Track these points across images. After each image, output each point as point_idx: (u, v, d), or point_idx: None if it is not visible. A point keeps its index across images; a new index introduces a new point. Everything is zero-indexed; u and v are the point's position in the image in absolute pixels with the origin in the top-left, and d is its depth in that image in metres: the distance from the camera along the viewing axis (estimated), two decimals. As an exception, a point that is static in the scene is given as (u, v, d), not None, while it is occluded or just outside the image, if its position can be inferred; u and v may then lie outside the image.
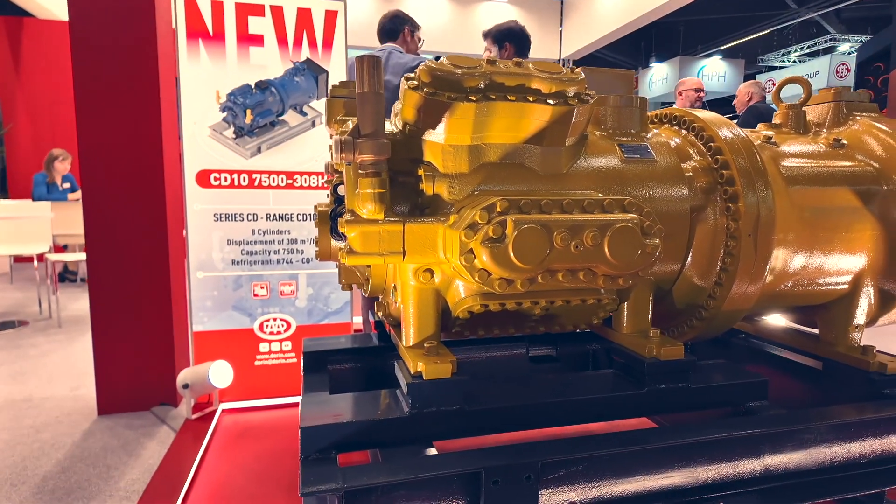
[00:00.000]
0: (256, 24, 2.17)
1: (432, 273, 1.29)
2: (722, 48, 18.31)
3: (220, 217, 2.24)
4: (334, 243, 1.48)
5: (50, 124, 7.49)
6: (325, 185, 2.35)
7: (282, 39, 2.21)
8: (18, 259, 6.56)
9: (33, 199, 5.84)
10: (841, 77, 16.70)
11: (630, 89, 1.57)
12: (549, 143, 1.33)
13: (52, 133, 7.44)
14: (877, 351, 1.62)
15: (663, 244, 1.41)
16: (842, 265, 1.57)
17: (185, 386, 2.13)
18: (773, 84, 18.56)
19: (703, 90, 4.90)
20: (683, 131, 1.56)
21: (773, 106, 4.68)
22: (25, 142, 7.68)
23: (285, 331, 2.39)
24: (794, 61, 19.28)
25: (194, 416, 2.22)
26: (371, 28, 3.09)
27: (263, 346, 2.36)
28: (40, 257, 4.57)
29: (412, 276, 1.29)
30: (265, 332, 2.35)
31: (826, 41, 17.82)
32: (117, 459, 1.97)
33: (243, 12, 2.15)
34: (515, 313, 1.39)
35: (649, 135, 1.54)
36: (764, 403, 1.47)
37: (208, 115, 2.19)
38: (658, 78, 17.61)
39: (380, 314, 1.58)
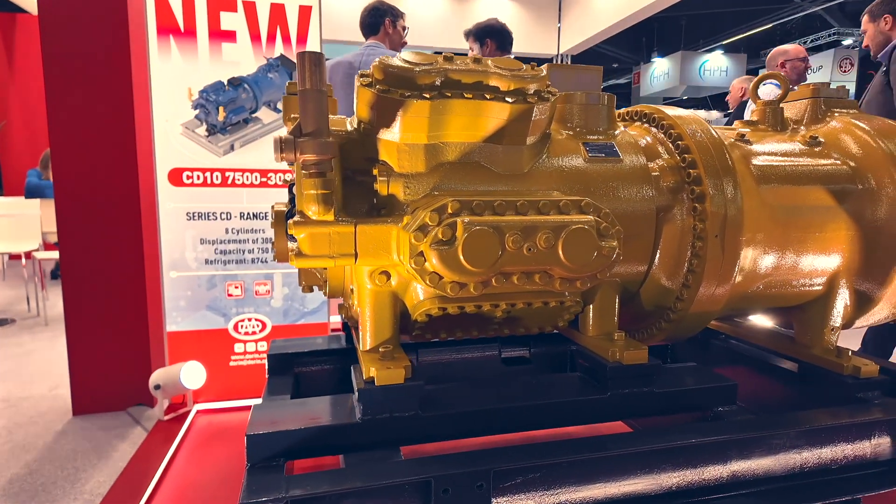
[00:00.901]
0: (229, 20, 2.14)
1: (388, 275, 1.26)
2: (724, 43, 18.17)
3: (193, 216, 2.21)
4: (291, 244, 1.45)
5: (44, 121, 7.46)
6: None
7: (255, 35, 2.18)
8: (14, 257, 6.56)
9: (26, 191, 5.82)
10: (844, 72, 16.59)
11: (598, 86, 1.53)
12: (510, 141, 1.30)
13: (47, 130, 7.41)
14: (852, 353, 1.58)
15: (628, 245, 1.39)
16: (816, 266, 1.53)
17: (157, 387, 2.11)
18: (776, 79, 18.42)
19: (808, 59, 4.38)
20: (653, 129, 1.52)
21: None
22: (19, 139, 7.67)
23: (260, 331, 2.36)
24: (798, 56, 19.07)
25: (166, 418, 2.20)
26: (356, 24, 3.05)
27: (238, 347, 2.33)
28: (28, 255, 4.56)
29: (367, 279, 1.26)
30: (240, 333, 2.32)
31: (829, 35, 17.66)
32: (86, 461, 1.95)
33: (215, 8, 2.12)
34: (477, 316, 1.36)
35: (617, 133, 1.50)
36: (733, 408, 1.44)
37: (180, 113, 2.16)
38: (659, 73, 17.50)
39: (343, 316, 1.55)
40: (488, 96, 1.22)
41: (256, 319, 2.33)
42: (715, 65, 16.73)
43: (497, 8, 9.86)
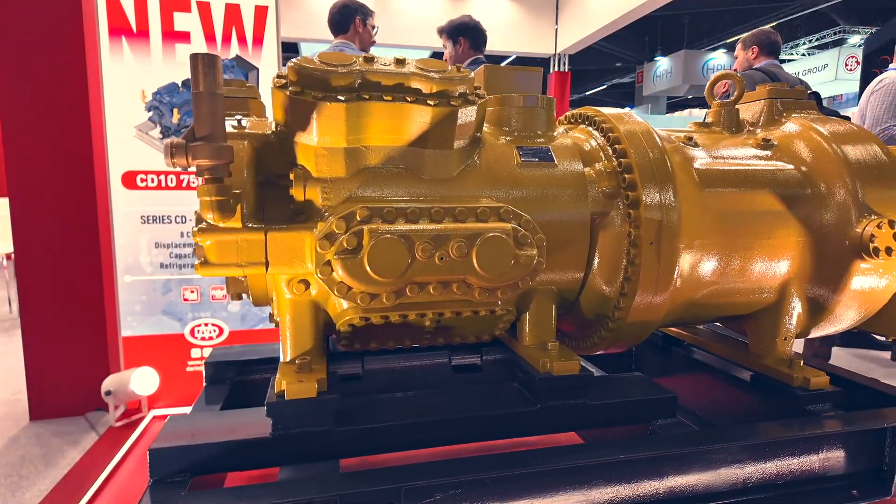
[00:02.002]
0: (182, 21, 2.11)
1: (307, 284, 1.22)
2: (727, 41, 18.01)
3: (148, 219, 2.19)
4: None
5: None
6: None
7: (209, 36, 2.14)
8: (10, 257, 6.57)
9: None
10: (850, 70, 16.43)
11: (538, 88, 1.49)
12: (435, 145, 1.26)
13: None
14: (804, 364, 1.52)
15: (562, 252, 1.35)
16: (765, 273, 1.48)
17: (108, 393, 2.08)
18: (781, 77, 18.25)
19: None
20: (595, 132, 1.47)
21: None
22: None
23: (218, 336, 2.33)
24: (803, 54, 18.95)
25: (118, 424, 2.17)
26: None
27: (195, 352, 2.30)
28: (8, 256, 4.55)
29: (286, 288, 1.22)
30: (196, 338, 2.29)
31: (835, 33, 17.47)
32: (32, 469, 1.93)
33: (168, 8, 2.08)
34: (405, 325, 1.32)
35: (556, 137, 1.45)
36: (672, 421, 1.39)
37: (133, 115, 2.13)
38: (662, 72, 17.38)
39: (274, 324, 1.51)
40: (409, 99, 1.18)
41: (213, 324, 2.30)
42: (718, 63, 16.59)
43: (494, 7, 9.81)
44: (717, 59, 16.53)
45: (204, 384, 1.63)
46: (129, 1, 2.05)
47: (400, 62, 1.22)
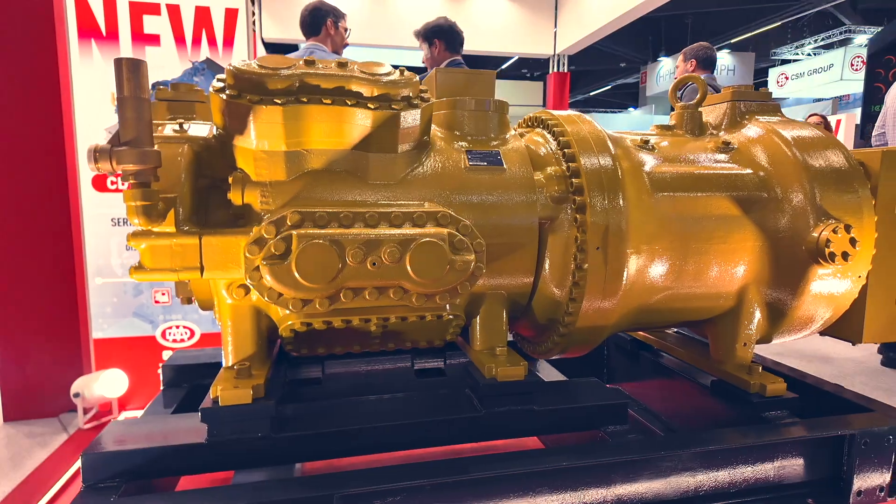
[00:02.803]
0: (152, 24, 2.11)
1: (248, 289, 1.21)
2: (732, 41, 17.90)
3: (118, 222, 2.19)
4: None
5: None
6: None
7: (179, 39, 2.14)
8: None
9: None
10: (856, 70, 16.31)
11: (490, 92, 1.47)
12: (379, 149, 1.25)
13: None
14: (763, 370, 1.50)
15: (510, 256, 1.34)
16: (722, 278, 1.46)
17: (77, 395, 2.08)
18: (786, 77, 18.13)
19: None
20: (549, 136, 1.46)
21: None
22: None
23: (189, 338, 2.33)
24: (809, 54, 18.81)
25: (88, 426, 2.18)
26: (362, 26, 3.01)
27: (167, 354, 2.30)
28: None
29: (226, 293, 1.22)
30: (168, 340, 2.30)
31: (841, 33, 17.32)
32: (-1, 470, 1.94)
33: (138, 11, 2.09)
34: (350, 330, 1.31)
35: (509, 140, 1.44)
36: (623, 427, 1.37)
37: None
38: (666, 72, 17.30)
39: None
40: (350, 102, 1.17)
41: (184, 327, 2.30)
42: (721, 63, 16.49)
43: (493, 8, 9.80)
44: (719, 59, 16.41)
45: (161, 387, 1.63)
46: (99, 4, 2.05)
47: (342, 65, 1.21)
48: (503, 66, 20.70)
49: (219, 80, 1.18)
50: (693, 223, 1.40)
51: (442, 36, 2.94)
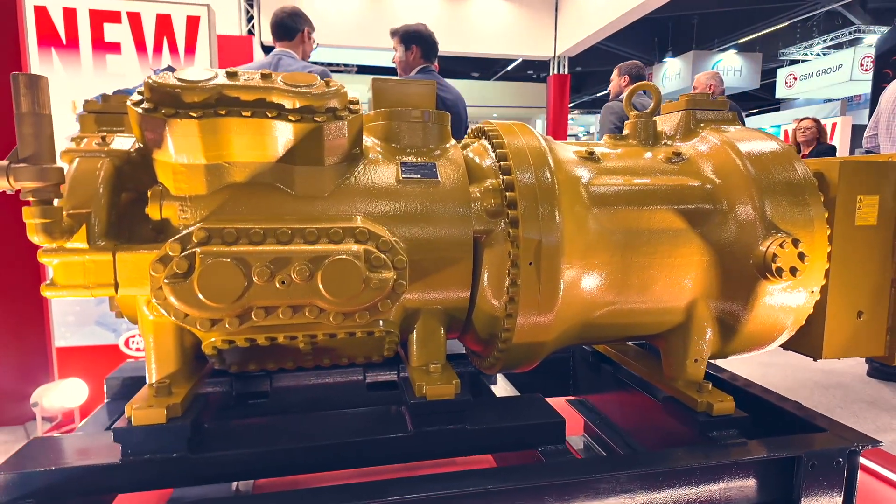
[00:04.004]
0: (113, 32, 2.10)
1: (169, 305, 1.19)
2: (740, 41, 17.74)
3: (80, 230, 2.18)
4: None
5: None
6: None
7: (140, 46, 2.13)
8: None
9: None
10: (866, 70, 16.11)
11: (431, 103, 1.44)
12: (304, 162, 1.22)
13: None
14: (712, 388, 1.46)
15: (444, 271, 1.30)
16: (667, 293, 1.41)
17: (35, 404, 2.08)
18: (795, 78, 17.93)
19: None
20: (489, 147, 1.42)
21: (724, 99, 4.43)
22: None
23: (152, 347, 2.31)
24: (818, 54, 18.59)
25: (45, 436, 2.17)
26: (360, 28, 3.00)
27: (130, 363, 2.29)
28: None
29: (147, 309, 1.19)
30: (131, 349, 2.29)
31: (850, 33, 17.11)
32: (-46, 480, 1.92)
33: (98, 19, 2.08)
34: (279, 347, 1.28)
35: (449, 151, 1.41)
36: (560, 448, 1.34)
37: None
38: (672, 73, 17.18)
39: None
40: (270, 114, 1.15)
41: (147, 335, 2.29)
42: (728, 64, 16.35)
43: (492, 8, 9.76)
44: (726, 60, 16.27)
45: (105, 400, 1.61)
46: (59, 12, 2.04)
47: (265, 77, 1.19)
48: (508, 68, 20.69)
49: (139, 93, 1.16)
50: (635, 237, 1.36)
51: (420, 42, 2.91)
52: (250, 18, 8.76)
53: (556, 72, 10.22)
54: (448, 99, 2.65)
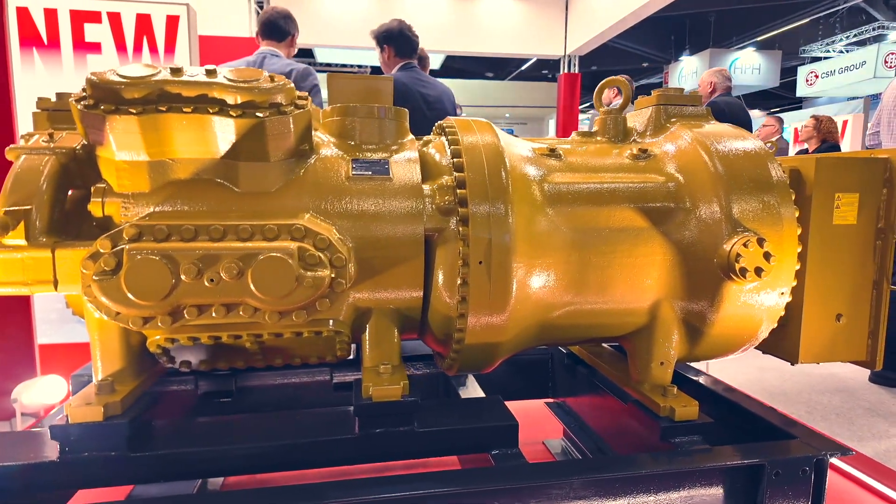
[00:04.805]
0: (93, 32, 2.12)
1: (113, 302, 1.18)
2: (759, 39, 17.43)
3: (61, 229, 2.20)
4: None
5: None
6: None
7: (120, 46, 2.15)
8: None
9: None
10: (891, 67, 15.72)
11: (388, 99, 1.42)
12: (248, 158, 1.20)
13: None
14: (678, 392, 1.41)
15: (394, 270, 1.28)
16: (629, 294, 1.37)
17: (15, 400, 2.10)
18: (816, 76, 17.53)
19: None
20: (446, 144, 1.39)
21: (729, 98, 4.33)
22: None
23: (133, 345, 2.33)
24: (840, 51, 18.17)
25: (26, 432, 2.19)
26: (366, 28, 2.99)
27: (111, 361, 2.31)
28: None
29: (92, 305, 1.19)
30: (112, 346, 2.29)
31: (874, 29, 16.69)
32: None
33: (79, 20, 2.10)
34: (227, 347, 1.27)
35: (404, 148, 1.38)
36: (514, 451, 1.30)
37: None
38: (688, 72, 16.93)
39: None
40: (211, 110, 1.13)
41: (128, 333, 2.30)
42: (746, 62, 16.06)
43: (501, 8, 9.70)
44: (744, 58, 15.98)
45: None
46: (40, 12, 2.07)
47: (211, 73, 1.17)
48: (523, 68, 20.59)
49: (83, 89, 1.15)
50: (593, 236, 1.32)
51: (391, 41, 2.89)
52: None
53: (566, 71, 10.12)
54: (430, 95, 2.63)
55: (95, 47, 2.14)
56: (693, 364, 3.11)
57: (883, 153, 1.51)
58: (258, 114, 1.15)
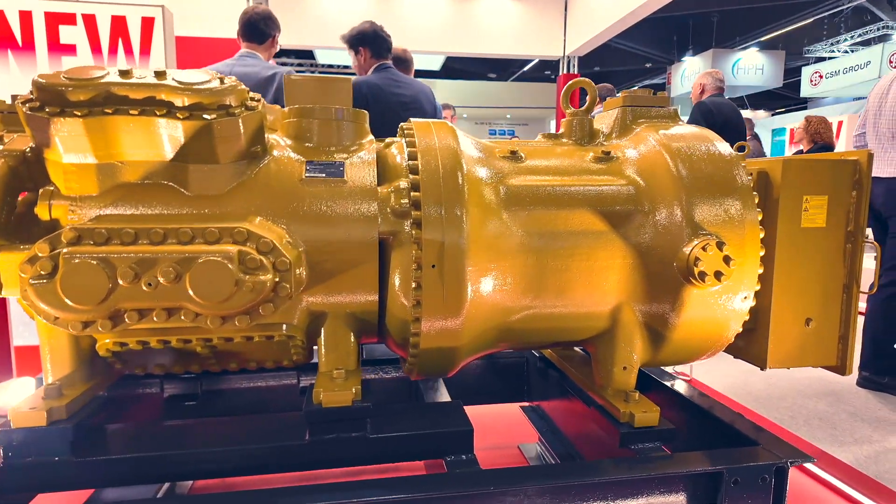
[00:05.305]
0: (68, 34, 2.11)
1: (62, 306, 1.17)
2: (763, 39, 17.32)
3: (36, 231, 2.20)
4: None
5: None
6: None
7: (95, 48, 2.14)
8: None
9: None
10: (895, 66, 15.57)
11: (347, 100, 1.40)
12: (198, 160, 1.19)
13: None
14: (639, 397, 1.39)
15: (348, 273, 1.27)
16: (589, 298, 1.35)
17: (-12, 403, 2.10)
18: (820, 76, 17.42)
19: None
20: (405, 145, 1.38)
21: (719, 99, 4.29)
22: None
23: (109, 347, 2.32)
24: (845, 51, 18.04)
25: None
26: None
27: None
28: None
29: (39, 310, 1.18)
30: (88, 349, 2.29)
31: (878, 29, 16.57)
32: None
33: (54, 21, 2.09)
34: (179, 351, 1.26)
35: (362, 149, 1.37)
36: (469, 457, 1.28)
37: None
38: (690, 72, 16.86)
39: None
40: (159, 113, 1.12)
41: (104, 335, 2.29)
42: (749, 63, 15.97)
43: (500, 9, 9.68)
44: (747, 58, 15.88)
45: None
46: (14, 15, 2.06)
47: (160, 75, 1.16)
48: (525, 69, 20.55)
49: (30, 91, 1.15)
50: (551, 239, 1.31)
51: (366, 43, 2.87)
52: (259, 21, 8.84)
53: (565, 71, 10.09)
54: (405, 96, 2.61)
55: (70, 49, 2.14)
56: (679, 368, 3.10)
57: (852, 155, 1.49)
58: (205, 116, 1.14)
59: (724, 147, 1.42)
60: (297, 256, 1.17)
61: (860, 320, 3.11)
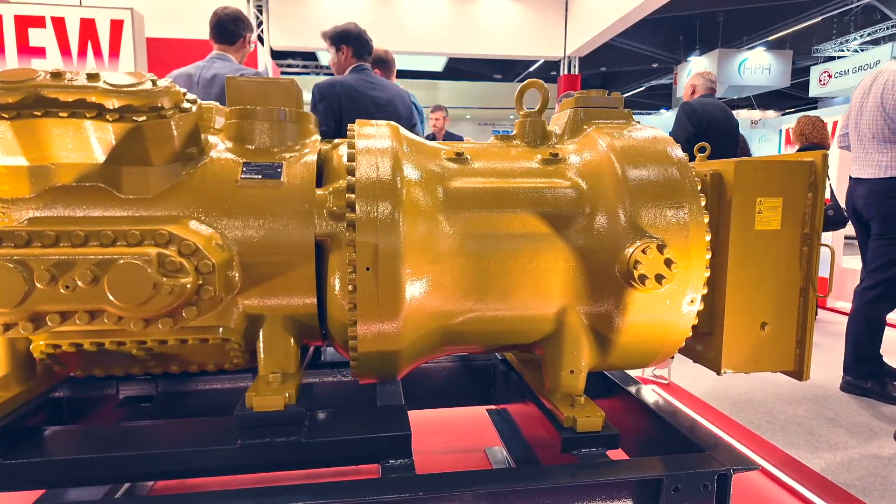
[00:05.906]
0: (38, 36, 2.13)
1: (-6, 308, 1.18)
2: (770, 38, 17.15)
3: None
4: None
5: None
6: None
7: (65, 51, 2.16)
8: None
9: None
10: (905, 66, 15.28)
11: (291, 101, 1.39)
12: (130, 162, 1.19)
13: None
14: (585, 401, 1.37)
15: (285, 276, 1.26)
16: (532, 301, 1.34)
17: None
18: (829, 76, 17.22)
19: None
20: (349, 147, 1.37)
21: (707, 99, 4.23)
22: None
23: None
24: (855, 50, 17.83)
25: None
26: (367, 29, 2.98)
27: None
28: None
29: (-27, 311, 1.18)
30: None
31: (888, 27, 16.36)
32: None
33: (23, 24, 2.11)
34: (115, 353, 1.26)
35: (304, 151, 1.36)
36: (406, 462, 1.27)
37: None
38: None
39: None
40: (89, 115, 1.12)
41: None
42: (755, 62, 15.80)
43: (500, 8, 9.66)
44: (754, 58, 15.72)
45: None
46: (-16, 18, 2.08)
47: (93, 77, 1.16)
48: (531, 69, 20.48)
49: (-39, 94, 1.15)
50: (492, 241, 1.29)
51: (350, 42, 2.86)
52: (259, 24, 8.90)
53: (566, 72, 10.04)
54: (380, 98, 2.59)
55: (40, 52, 2.16)
56: (658, 372, 3.06)
57: (807, 156, 1.46)
58: (136, 118, 1.13)
59: (674, 150, 1.40)
60: (227, 259, 1.17)
61: (843, 323, 3.06)
